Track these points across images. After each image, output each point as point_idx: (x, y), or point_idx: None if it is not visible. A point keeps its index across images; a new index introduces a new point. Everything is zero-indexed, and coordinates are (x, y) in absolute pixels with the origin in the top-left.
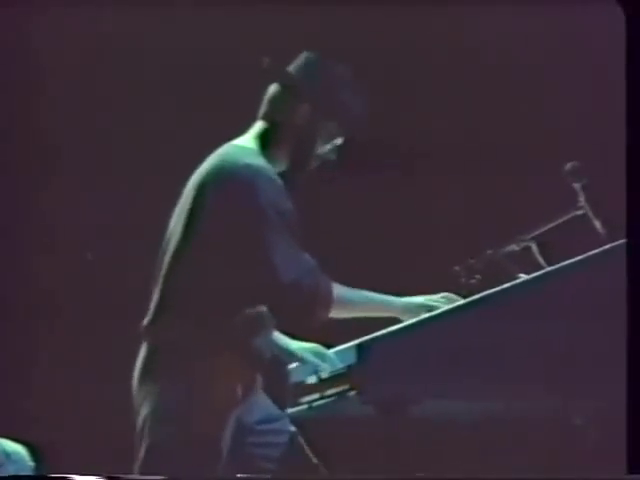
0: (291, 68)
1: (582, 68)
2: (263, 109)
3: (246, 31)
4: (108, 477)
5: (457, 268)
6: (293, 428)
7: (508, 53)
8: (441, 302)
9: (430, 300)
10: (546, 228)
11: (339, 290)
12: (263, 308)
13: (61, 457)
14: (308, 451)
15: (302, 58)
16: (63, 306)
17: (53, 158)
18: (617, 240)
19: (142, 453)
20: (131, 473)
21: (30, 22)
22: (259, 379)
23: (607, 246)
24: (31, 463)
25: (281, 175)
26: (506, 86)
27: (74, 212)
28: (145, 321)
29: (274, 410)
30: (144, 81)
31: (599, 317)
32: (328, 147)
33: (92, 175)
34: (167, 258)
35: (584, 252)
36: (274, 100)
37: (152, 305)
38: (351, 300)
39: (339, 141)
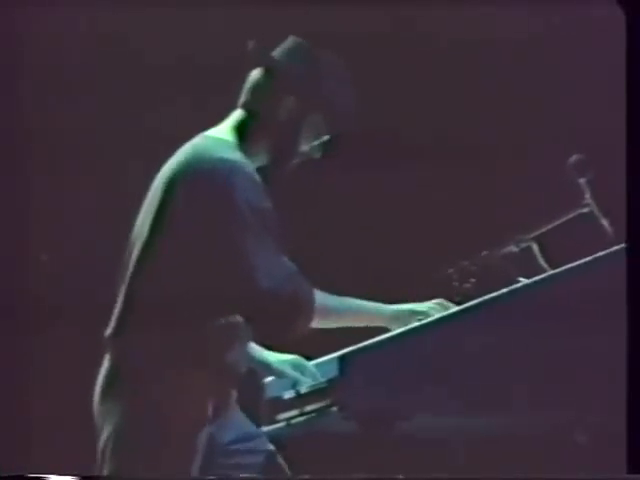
0: (276, 53)
1: (582, 68)
2: (243, 97)
3: (239, 29)
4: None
5: (450, 271)
6: (271, 447)
7: (508, 52)
8: (433, 309)
9: (421, 307)
10: (548, 227)
11: (321, 298)
12: (238, 318)
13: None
14: (287, 471)
15: (288, 43)
16: (31, 308)
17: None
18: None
19: (104, 475)
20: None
21: (30, 22)
22: (233, 395)
23: (614, 248)
24: None
25: (260, 171)
26: (505, 84)
27: (43, 210)
28: (108, 331)
29: (250, 428)
30: (131, 77)
31: (601, 322)
32: (313, 143)
33: (60, 173)
34: (132, 261)
35: (590, 253)
36: (256, 88)
37: (115, 313)
38: (335, 308)
39: (325, 138)
